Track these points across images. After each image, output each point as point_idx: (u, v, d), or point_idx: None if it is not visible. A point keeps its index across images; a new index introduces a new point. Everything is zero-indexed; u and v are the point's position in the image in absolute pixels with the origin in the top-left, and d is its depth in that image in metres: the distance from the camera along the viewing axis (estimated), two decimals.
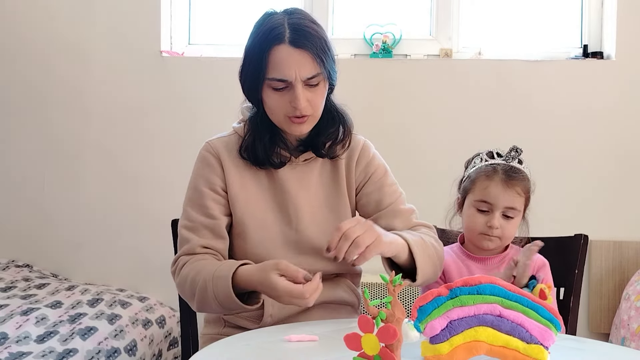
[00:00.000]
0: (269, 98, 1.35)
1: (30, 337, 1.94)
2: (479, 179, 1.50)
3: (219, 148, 1.44)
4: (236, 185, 1.41)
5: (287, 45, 1.31)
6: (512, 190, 1.47)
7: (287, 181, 1.42)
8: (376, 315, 0.91)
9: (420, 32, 2.72)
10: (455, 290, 0.98)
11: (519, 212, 1.49)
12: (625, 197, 2.55)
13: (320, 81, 1.34)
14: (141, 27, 2.68)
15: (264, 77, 1.33)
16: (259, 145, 1.40)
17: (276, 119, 1.38)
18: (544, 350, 0.98)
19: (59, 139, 2.73)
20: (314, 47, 1.31)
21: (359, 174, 1.47)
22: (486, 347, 0.97)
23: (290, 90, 1.32)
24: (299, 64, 1.31)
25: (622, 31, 2.52)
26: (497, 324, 0.97)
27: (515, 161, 1.51)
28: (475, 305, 0.97)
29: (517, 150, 1.52)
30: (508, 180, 1.47)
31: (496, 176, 1.48)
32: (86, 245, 2.72)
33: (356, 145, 1.48)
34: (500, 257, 1.52)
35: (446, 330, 0.96)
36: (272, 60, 1.31)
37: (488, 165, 1.51)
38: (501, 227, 1.47)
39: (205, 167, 1.43)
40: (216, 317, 1.49)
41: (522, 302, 0.99)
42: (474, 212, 1.50)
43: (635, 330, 2.06)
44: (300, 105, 1.32)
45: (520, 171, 1.50)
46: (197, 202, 1.42)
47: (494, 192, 1.47)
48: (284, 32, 1.31)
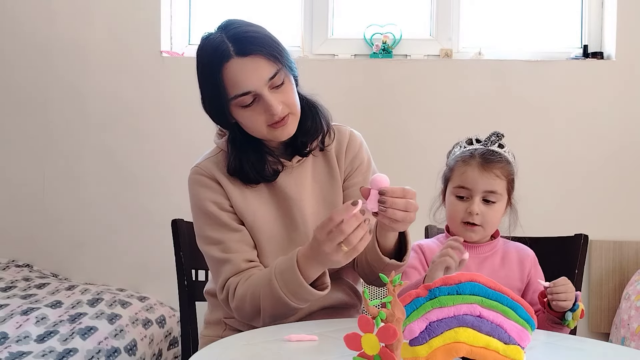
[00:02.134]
0: (242, 117, 1.31)
1: (30, 336, 1.94)
2: (457, 166, 1.46)
3: (211, 169, 1.39)
4: (240, 201, 1.38)
5: (236, 57, 1.26)
6: (490, 173, 1.41)
7: (286, 187, 1.40)
8: (376, 315, 0.91)
9: (420, 32, 2.72)
10: (434, 290, 0.97)
11: (500, 196, 1.43)
12: (625, 197, 2.55)
13: (283, 78, 1.29)
14: (141, 27, 2.68)
15: (227, 100, 1.29)
16: (246, 166, 1.36)
17: (259, 133, 1.33)
18: (522, 350, 0.98)
19: (59, 138, 2.73)
20: (262, 47, 1.27)
21: (347, 164, 1.46)
22: (466, 348, 0.96)
23: (260, 101, 1.28)
24: (255, 70, 1.26)
25: (622, 31, 2.53)
26: (478, 325, 0.97)
27: (495, 145, 1.45)
28: (455, 305, 0.96)
29: (498, 135, 1.46)
30: (485, 164, 1.42)
31: (473, 160, 1.43)
32: (86, 245, 2.72)
33: (343, 135, 1.47)
34: (492, 246, 1.47)
35: (425, 332, 0.95)
36: (227, 79, 1.27)
37: (465, 151, 1.46)
38: (482, 213, 1.41)
39: (205, 190, 1.39)
40: (217, 319, 1.48)
41: (502, 301, 0.99)
42: (454, 200, 1.45)
43: (635, 330, 2.06)
44: (276, 110, 1.27)
45: (499, 154, 1.44)
46: (215, 222, 1.37)
47: (471, 175, 1.41)
48: (227, 47, 1.26)
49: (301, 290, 1.23)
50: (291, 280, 1.23)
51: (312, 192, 1.43)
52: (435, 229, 1.70)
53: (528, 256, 1.48)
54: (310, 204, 1.42)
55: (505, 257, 1.47)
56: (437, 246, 1.47)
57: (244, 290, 1.30)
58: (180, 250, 1.62)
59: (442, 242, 1.48)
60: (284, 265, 1.25)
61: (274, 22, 2.71)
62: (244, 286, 1.31)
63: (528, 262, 1.47)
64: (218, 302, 1.47)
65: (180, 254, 1.62)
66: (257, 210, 1.39)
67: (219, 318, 1.48)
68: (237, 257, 1.35)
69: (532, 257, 1.49)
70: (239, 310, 1.33)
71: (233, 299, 1.33)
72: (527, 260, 1.47)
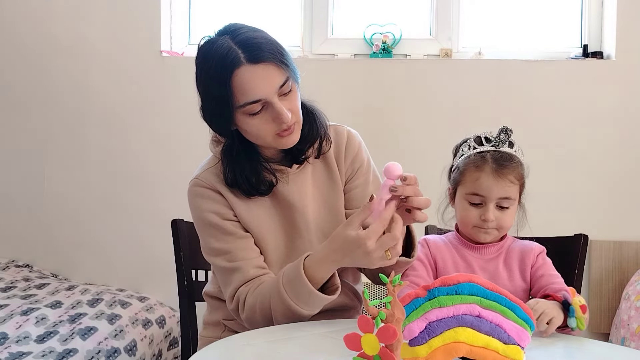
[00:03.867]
0: (248, 125, 1.28)
1: (30, 337, 1.94)
2: (468, 170, 1.40)
3: (211, 180, 1.36)
4: (244, 212, 1.36)
5: (247, 65, 1.22)
6: (505, 180, 1.36)
7: (289, 195, 1.38)
8: (376, 315, 0.91)
9: (420, 32, 2.72)
10: (433, 291, 0.97)
11: (514, 201, 1.39)
12: (625, 197, 2.55)
13: (291, 85, 1.28)
14: (141, 27, 2.68)
15: (233, 108, 1.25)
16: (240, 179, 1.33)
17: (264, 142, 1.31)
18: (521, 350, 0.98)
19: (59, 138, 2.73)
20: (273, 55, 1.24)
21: (348, 167, 1.44)
22: (466, 348, 0.96)
23: (268, 109, 1.25)
24: (266, 78, 1.23)
25: (622, 31, 2.53)
26: (477, 325, 0.97)
27: (505, 145, 1.39)
28: (454, 305, 0.96)
29: (507, 131, 1.39)
30: (499, 170, 1.36)
31: (486, 166, 1.37)
32: (86, 245, 2.72)
33: (341, 137, 1.45)
34: (498, 247, 1.44)
35: (425, 332, 0.96)
36: (237, 87, 1.23)
37: (477, 154, 1.40)
38: (497, 218, 1.38)
39: (207, 201, 1.36)
40: (216, 321, 1.48)
41: (501, 302, 0.99)
42: (467, 205, 1.40)
43: (635, 330, 2.06)
44: (286, 119, 1.25)
45: (512, 157, 1.39)
46: (219, 232, 1.35)
47: (486, 183, 1.36)
48: (237, 54, 1.22)
49: (312, 298, 1.22)
50: (300, 289, 1.22)
51: (313, 198, 1.41)
52: (436, 229, 1.70)
53: (531, 250, 1.43)
54: (313, 209, 1.40)
55: (508, 257, 1.45)
56: (444, 243, 1.46)
57: (253, 300, 1.29)
58: (180, 250, 1.62)
59: (451, 242, 1.46)
60: (292, 274, 1.24)
61: (274, 22, 2.71)
62: (253, 295, 1.29)
63: (530, 257, 1.43)
64: (217, 304, 1.47)
65: (180, 254, 1.62)
66: (262, 220, 1.37)
67: (217, 319, 1.47)
68: (245, 265, 1.32)
69: (536, 250, 1.44)
70: (250, 320, 1.31)
71: (244, 310, 1.30)
72: (528, 256, 1.43)
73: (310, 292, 1.22)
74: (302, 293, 1.22)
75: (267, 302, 1.26)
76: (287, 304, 1.23)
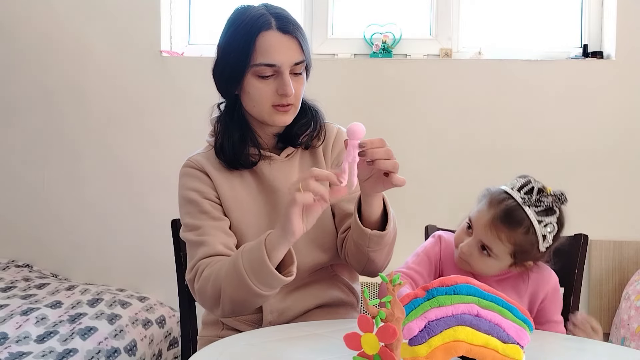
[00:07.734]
0: (253, 87, 1.33)
1: (30, 337, 1.94)
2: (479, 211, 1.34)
3: (201, 161, 1.41)
4: (227, 193, 1.39)
5: (276, 31, 1.31)
6: (498, 235, 1.29)
7: (274, 180, 1.41)
8: (376, 314, 0.91)
9: (420, 32, 2.72)
10: (432, 291, 0.98)
11: (497, 256, 1.31)
12: (625, 197, 2.55)
13: (303, 69, 1.36)
14: (141, 27, 2.68)
15: (249, 65, 1.31)
16: (226, 144, 1.38)
17: (259, 110, 1.35)
18: (521, 350, 0.98)
19: (59, 138, 2.73)
20: (300, 35, 1.34)
21: (334, 160, 1.47)
22: (466, 347, 0.96)
23: (277, 78, 1.32)
24: (287, 49, 1.31)
25: (622, 31, 2.52)
26: (476, 324, 0.97)
27: (536, 207, 1.30)
28: (453, 305, 0.97)
29: (552, 196, 1.32)
30: (501, 224, 1.29)
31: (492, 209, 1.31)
32: (86, 245, 2.72)
33: (330, 132, 1.49)
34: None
35: (424, 331, 0.96)
36: (260, 46, 1.30)
37: (501, 193, 1.33)
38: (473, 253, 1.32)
39: (193, 180, 1.40)
40: (214, 320, 1.48)
41: (498, 302, 0.99)
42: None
43: (635, 330, 2.06)
44: (288, 91, 1.31)
45: (520, 221, 1.29)
46: (197, 210, 1.37)
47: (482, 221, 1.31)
48: (270, 19, 1.32)
49: (263, 269, 1.17)
50: (255, 259, 1.18)
51: None
52: (435, 228, 1.70)
53: (547, 284, 1.38)
54: None
55: (518, 283, 1.38)
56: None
57: (208, 274, 1.28)
58: (180, 250, 1.62)
59: None
60: (253, 243, 1.23)
61: None
62: (210, 269, 1.28)
63: (543, 291, 1.37)
64: None
65: (180, 254, 1.62)
66: (245, 203, 1.40)
67: (216, 318, 1.47)
68: (212, 240, 1.33)
69: (552, 285, 1.39)
70: (200, 295, 1.31)
71: (198, 281, 1.30)
72: (542, 289, 1.37)
73: (263, 262, 1.17)
74: (256, 262, 1.18)
75: (221, 273, 1.25)
76: (239, 273, 1.20)
